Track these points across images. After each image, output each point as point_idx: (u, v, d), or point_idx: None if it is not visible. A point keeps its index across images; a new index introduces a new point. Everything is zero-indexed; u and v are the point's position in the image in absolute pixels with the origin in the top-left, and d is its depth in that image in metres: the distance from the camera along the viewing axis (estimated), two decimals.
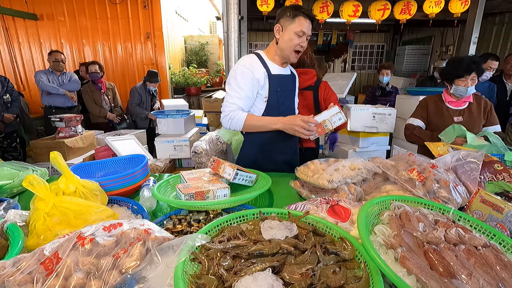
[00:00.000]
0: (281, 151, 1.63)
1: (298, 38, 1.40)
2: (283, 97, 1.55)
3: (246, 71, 1.44)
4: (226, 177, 1.23)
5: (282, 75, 1.55)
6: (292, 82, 1.64)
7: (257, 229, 0.80)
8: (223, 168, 1.25)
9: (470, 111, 2.01)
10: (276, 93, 1.52)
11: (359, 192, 1.17)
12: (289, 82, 1.61)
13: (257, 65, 1.47)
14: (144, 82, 4.24)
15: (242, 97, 1.46)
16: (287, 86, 1.59)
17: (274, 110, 1.53)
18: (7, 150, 3.44)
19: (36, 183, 0.89)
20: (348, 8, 4.67)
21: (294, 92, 1.66)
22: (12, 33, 5.45)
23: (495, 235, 0.82)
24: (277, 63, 1.54)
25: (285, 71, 1.59)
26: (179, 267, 0.64)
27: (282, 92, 1.54)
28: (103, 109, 4.00)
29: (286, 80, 1.58)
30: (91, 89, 3.97)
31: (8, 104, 3.28)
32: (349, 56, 8.43)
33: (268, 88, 1.50)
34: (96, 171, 1.54)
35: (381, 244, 0.74)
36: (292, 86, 1.63)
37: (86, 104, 3.99)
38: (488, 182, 1.19)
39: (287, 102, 1.60)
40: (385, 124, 2.96)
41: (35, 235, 0.87)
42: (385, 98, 4.02)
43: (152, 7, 5.45)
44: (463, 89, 1.93)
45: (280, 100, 1.54)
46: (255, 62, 1.48)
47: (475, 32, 4.55)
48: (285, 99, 1.57)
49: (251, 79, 1.44)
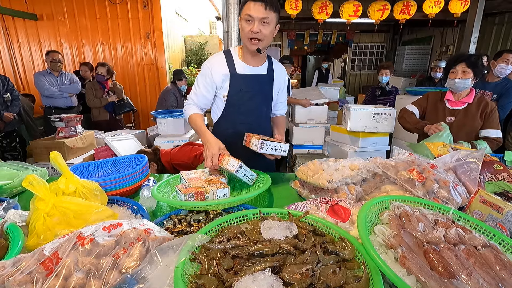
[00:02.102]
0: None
1: (247, 24, 1.33)
2: (246, 98, 1.49)
3: (206, 71, 1.47)
4: (230, 168, 1.23)
5: (249, 74, 1.47)
6: (265, 83, 1.53)
7: (257, 229, 0.80)
8: (227, 161, 1.26)
9: (466, 113, 1.98)
10: (238, 93, 1.47)
11: (359, 192, 1.17)
12: (259, 83, 1.51)
13: (218, 65, 1.45)
14: (174, 83, 4.27)
15: (198, 94, 1.51)
16: (254, 86, 1.50)
17: (234, 109, 1.51)
18: (6, 150, 3.44)
19: (36, 183, 0.89)
20: (348, 8, 4.67)
21: (267, 94, 1.56)
22: (12, 33, 5.45)
23: (494, 235, 0.82)
24: (247, 60, 1.47)
25: (258, 70, 1.50)
26: (179, 267, 0.64)
27: (246, 93, 1.48)
28: (103, 99, 4.00)
29: (254, 80, 1.49)
30: (95, 87, 4.01)
31: (8, 103, 3.28)
32: (349, 56, 8.44)
33: (228, 87, 1.47)
34: (96, 171, 1.54)
35: (381, 244, 0.74)
36: (263, 87, 1.53)
37: (87, 99, 3.99)
38: (488, 182, 1.19)
39: (251, 103, 1.51)
40: (385, 124, 2.96)
41: (35, 235, 0.87)
42: (385, 98, 4.03)
43: (152, 7, 5.45)
44: (452, 81, 1.94)
45: (241, 100, 1.49)
46: (217, 62, 1.46)
47: (475, 32, 4.55)
48: (248, 100, 1.50)
49: (208, 79, 1.47)
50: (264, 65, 1.52)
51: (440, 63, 4.22)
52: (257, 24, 1.31)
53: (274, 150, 1.31)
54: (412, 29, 7.65)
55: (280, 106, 1.70)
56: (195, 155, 2.30)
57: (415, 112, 2.17)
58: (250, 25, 1.32)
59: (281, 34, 8.02)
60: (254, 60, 1.48)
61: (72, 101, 4.00)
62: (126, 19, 5.52)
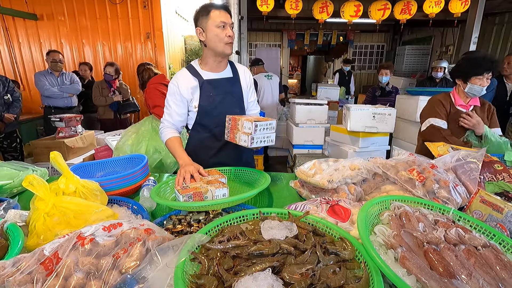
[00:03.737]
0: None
1: (222, 30, 1.37)
2: (217, 101, 1.50)
3: (174, 89, 1.49)
4: (247, 131, 1.24)
5: (216, 79, 1.50)
6: (233, 85, 1.56)
7: (257, 229, 0.80)
8: (242, 124, 1.26)
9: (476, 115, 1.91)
10: (208, 98, 1.49)
11: (359, 192, 1.17)
12: (227, 85, 1.53)
13: (183, 80, 1.48)
14: None
15: (171, 113, 1.52)
16: (223, 88, 1.52)
17: (206, 115, 1.53)
18: (7, 151, 3.44)
19: (36, 183, 0.89)
20: (349, 8, 4.67)
21: (237, 94, 1.57)
22: (12, 33, 5.45)
23: (495, 235, 0.82)
24: (211, 68, 1.50)
25: (223, 74, 1.53)
26: (179, 267, 0.64)
27: (216, 96, 1.50)
28: (109, 98, 4.01)
29: (221, 83, 1.52)
30: (102, 86, 4.02)
31: (8, 104, 3.29)
32: (349, 56, 8.44)
33: (199, 96, 1.49)
34: (96, 171, 1.54)
35: (381, 244, 0.74)
36: (232, 89, 1.55)
37: (94, 97, 4.00)
38: (488, 182, 1.19)
39: (222, 106, 1.52)
40: (385, 124, 2.96)
41: (35, 235, 0.87)
42: (385, 98, 4.02)
43: (152, 7, 5.45)
44: (479, 88, 1.79)
45: (213, 105, 1.50)
46: (182, 77, 1.49)
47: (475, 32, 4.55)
48: (219, 103, 1.51)
49: (178, 95, 1.49)
50: (228, 69, 1.56)
51: (441, 63, 4.22)
52: (229, 28, 1.38)
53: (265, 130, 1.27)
54: (413, 29, 7.65)
55: (252, 105, 1.68)
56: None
57: (444, 126, 1.94)
58: (225, 30, 1.37)
59: (281, 34, 8.02)
60: (218, 67, 1.51)
61: (72, 101, 4.00)
62: (126, 19, 5.52)
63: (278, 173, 1.59)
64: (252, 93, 1.66)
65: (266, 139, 1.30)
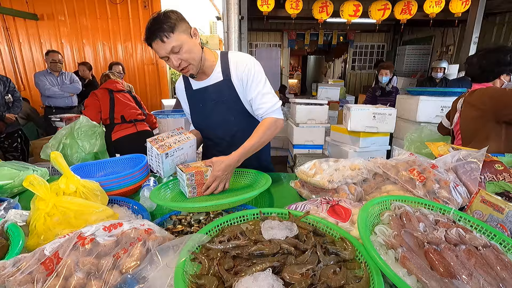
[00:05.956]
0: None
1: (167, 62, 1.26)
2: (208, 111, 1.45)
3: (177, 93, 1.59)
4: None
5: (203, 88, 1.42)
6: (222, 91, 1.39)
7: (257, 229, 0.80)
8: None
9: None
10: (198, 109, 1.48)
11: (359, 192, 1.17)
12: (215, 93, 1.40)
13: (179, 85, 1.55)
14: None
15: (188, 115, 1.60)
16: (210, 97, 1.41)
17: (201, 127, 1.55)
18: (8, 151, 3.45)
19: (37, 183, 0.89)
20: (348, 8, 4.67)
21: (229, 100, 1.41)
22: (12, 33, 5.46)
23: (495, 235, 0.81)
24: (199, 76, 1.39)
25: (211, 80, 1.39)
26: (179, 267, 0.64)
27: (206, 106, 1.44)
28: None
29: (209, 91, 1.41)
30: None
31: (9, 104, 3.29)
32: (350, 56, 8.44)
33: (189, 108, 1.55)
34: (96, 171, 1.54)
35: (381, 244, 0.74)
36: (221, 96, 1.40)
37: None
38: (489, 182, 1.19)
39: (215, 115, 1.44)
40: (386, 124, 2.96)
41: (35, 235, 0.87)
42: (385, 98, 4.02)
43: (152, 7, 5.46)
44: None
45: (203, 114, 1.47)
46: (179, 83, 1.55)
47: (475, 32, 4.55)
48: (210, 113, 1.45)
49: (182, 99, 1.57)
50: (217, 72, 1.38)
51: (440, 63, 4.22)
52: (173, 57, 1.20)
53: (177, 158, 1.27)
54: (413, 29, 7.65)
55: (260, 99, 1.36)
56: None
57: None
58: (169, 62, 1.23)
59: (281, 34, 8.02)
60: (201, 77, 1.40)
61: (72, 100, 4.00)
62: (127, 19, 5.53)
63: (278, 173, 1.59)
64: (253, 87, 1.36)
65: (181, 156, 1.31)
